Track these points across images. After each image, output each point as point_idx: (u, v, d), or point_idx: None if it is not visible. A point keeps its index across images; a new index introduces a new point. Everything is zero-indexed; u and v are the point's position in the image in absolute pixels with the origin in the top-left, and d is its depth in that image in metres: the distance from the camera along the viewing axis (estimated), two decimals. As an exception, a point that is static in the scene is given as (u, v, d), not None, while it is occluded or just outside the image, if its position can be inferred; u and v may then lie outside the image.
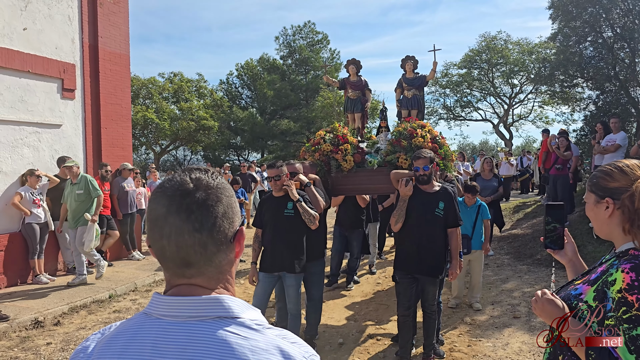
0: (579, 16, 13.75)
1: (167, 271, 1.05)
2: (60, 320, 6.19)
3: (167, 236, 1.00)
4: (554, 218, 1.93)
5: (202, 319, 0.97)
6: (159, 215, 1.01)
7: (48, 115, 8.37)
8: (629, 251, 1.62)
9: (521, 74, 29.04)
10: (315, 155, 5.83)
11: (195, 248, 1.00)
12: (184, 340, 0.95)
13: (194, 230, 0.99)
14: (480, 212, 6.38)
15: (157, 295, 1.03)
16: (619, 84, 13.75)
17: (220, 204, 1.03)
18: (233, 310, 0.99)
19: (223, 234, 1.03)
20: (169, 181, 1.05)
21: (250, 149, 31.69)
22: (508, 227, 11.52)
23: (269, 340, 0.97)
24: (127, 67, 10.09)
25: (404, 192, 4.41)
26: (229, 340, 0.94)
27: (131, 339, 0.99)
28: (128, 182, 9.69)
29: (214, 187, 1.04)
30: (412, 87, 6.68)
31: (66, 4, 8.72)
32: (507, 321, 5.82)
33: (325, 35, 31.05)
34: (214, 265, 1.03)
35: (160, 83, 27.64)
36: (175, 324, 0.97)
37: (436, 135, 5.74)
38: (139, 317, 1.03)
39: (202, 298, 0.99)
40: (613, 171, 1.70)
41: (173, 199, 1.00)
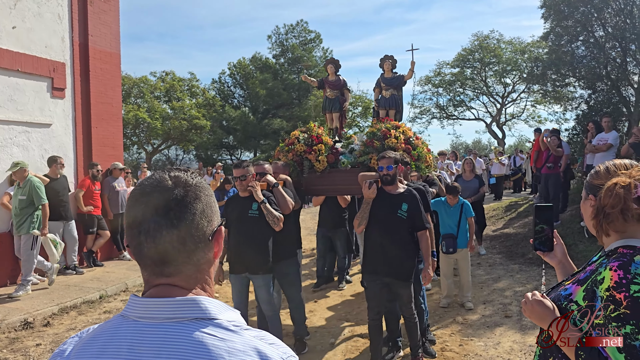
0: (571, 15, 13.80)
1: (145, 270, 1.04)
2: (50, 321, 6.14)
3: (145, 233, 1.00)
4: (542, 219, 1.92)
5: (179, 321, 0.97)
6: (137, 213, 1.01)
7: (38, 115, 8.29)
8: (617, 249, 1.62)
9: (514, 73, 29.15)
10: (289, 155, 5.77)
11: (173, 244, 1.00)
12: (160, 342, 0.94)
13: (172, 227, 0.99)
14: (463, 210, 6.41)
15: (134, 297, 1.02)
16: (611, 83, 13.82)
17: (198, 202, 1.03)
18: (210, 312, 0.99)
19: (201, 231, 1.03)
20: (148, 179, 1.06)
21: (242, 148, 31.59)
22: (500, 226, 11.55)
23: (246, 342, 0.97)
24: (118, 65, 10.03)
25: (367, 195, 4.36)
26: (205, 342, 0.94)
27: (108, 342, 0.99)
28: (119, 181, 9.63)
29: (192, 185, 1.04)
30: (390, 87, 6.64)
31: (56, 3, 8.64)
32: (498, 320, 5.83)
33: (318, 34, 31.07)
34: (193, 263, 1.03)
35: (152, 82, 27.51)
36: (151, 325, 0.97)
37: (410, 136, 5.70)
38: (116, 320, 1.02)
39: (179, 299, 0.99)
40: (600, 170, 1.73)
41: (151, 195, 1.01)
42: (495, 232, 11.05)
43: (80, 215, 8.74)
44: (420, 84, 31.42)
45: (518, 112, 31.81)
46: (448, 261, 6.46)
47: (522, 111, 31.49)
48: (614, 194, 1.60)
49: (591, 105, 14.43)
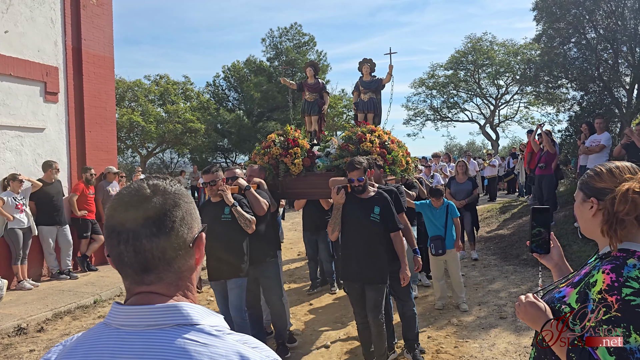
0: (563, 18, 13.89)
1: (126, 279, 1.04)
2: (43, 327, 6.10)
3: (125, 241, 1.00)
4: (539, 222, 1.92)
5: (161, 327, 0.97)
6: (117, 221, 1.01)
7: (31, 119, 8.26)
8: (611, 253, 1.63)
9: (507, 75, 29.29)
10: (265, 158, 5.74)
11: (153, 253, 1.00)
12: (141, 349, 0.94)
13: (151, 235, 1.00)
14: (449, 211, 6.41)
15: (117, 304, 1.02)
16: (603, 84, 13.91)
17: (178, 209, 1.04)
18: (192, 317, 0.99)
19: (182, 239, 1.03)
20: (126, 188, 1.06)
21: (237, 151, 31.50)
22: (494, 228, 11.59)
23: (228, 346, 0.96)
24: (112, 69, 10.00)
25: (337, 200, 4.30)
26: (187, 348, 0.94)
27: (90, 350, 0.99)
28: (113, 185, 9.60)
29: (171, 193, 1.05)
30: (369, 90, 6.64)
31: (48, 7, 8.62)
32: (493, 322, 5.84)
33: (312, 37, 31.03)
34: (173, 270, 1.04)
35: (146, 85, 27.41)
36: (133, 333, 0.97)
37: (385, 140, 5.70)
38: (99, 328, 1.03)
39: (160, 306, 0.99)
40: (603, 172, 1.70)
41: (130, 204, 1.01)
42: (490, 233, 11.09)
43: (75, 220, 8.71)
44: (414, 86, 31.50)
45: (511, 113, 32.00)
46: (438, 263, 6.45)
47: (516, 113, 31.68)
48: (631, 200, 1.58)
49: (583, 107, 14.52)
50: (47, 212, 8.06)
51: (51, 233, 8.11)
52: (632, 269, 1.52)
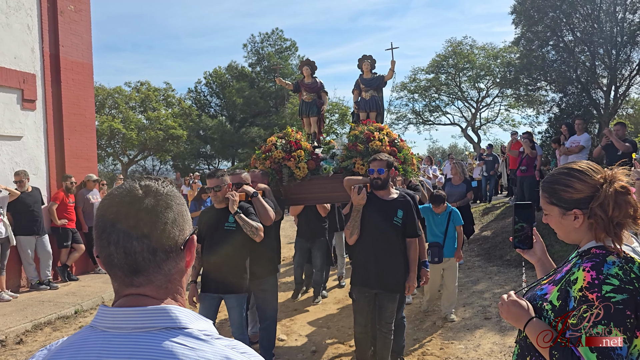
0: (541, 20, 14.11)
1: (115, 281, 1.03)
2: (23, 339, 5.97)
3: (115, 242, 0.98)
4: (521, 217, 1.93)
5: (148, 330, 0.95)
6: (107, 222, 0.99)
7: (8, 127, 8.11)
8: (590, 250, 1.64)
9: (487, 78, 29.56)
10: (266, 163, 5.47)
11: (143, 254, 0.99)
12: (128, 352, 0.93)
13: (142, 237, 0.98)
14: (451, 218, 6.12)
15: (103, 307, 1.01)
16: (581, 86, 14.15)
17: (170, 211, 1.02)
18: (180, 321, 0.97)
19: (173, 240, 1.02)
20: (118, 189, 1.04)
21: (220, 158, 31.36)
22: (478, 229, 11.66)
23: (216, 351, 0.94)
24: (90, 76, 9.88)
25: (357, 201, 4.01)
26: (175, 352, 0.92)
27: (76, 353, 0.97)
28: (93, 193, 9.46)
29: (163, 194, 1.03)
30: (370, 88, 6.38)
31: (25, 13, 8.49)
32: (478, 322, 5.86)
33: (294, 42, 31.10)
34: (163, 273, 1.02)
35: (127, 92, 27.20)
36: (120, 336, 0.95)
37: (395, 138, 5.46)
38: (85, 331, 1.00)
39: (149, 308, 0.97)
40: (571, 181, 1.68)
41: (121, 205, 1.00)
42: (474, 235, 11.14)
43: (54, 229, 8.55)
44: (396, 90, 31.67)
45: (492, 116, 32.28)
46: (433, 271, 6.06)
47: (497, 115, 31.97)
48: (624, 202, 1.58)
49: (563, 108, 14.74)
50: (25, 222, 7.89)
51: (30, 243, 7.95)
52: (611, 266, 1.53)
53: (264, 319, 4.85)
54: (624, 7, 13.80)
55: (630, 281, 1.50)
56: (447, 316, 6.10)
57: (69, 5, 9.25)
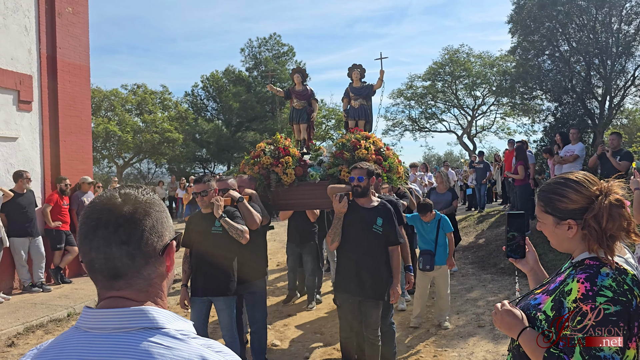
0: (537, 30, 14.21)
1: (97, 284, 1.07)
2: (14, 341, 5.93)
3: (96, 248, 1.03)
4: (513, 227, 1.94)
5: (127, 331, 0.99)
6: (89, 229, 1.04)
7: (3, 128, 8.08)
8: (584, 261, 1.65)
9: (483, 86, 29.73)
10: (255, 168, 5.54)
11: (123, 260, 1.03)
12: (107, 351, 0.97)
13: (121, 243, 1.03)
14: (440, 225, 6.11)
15: (87, 308, 1.05)
16: (576, 96, 14.24)
17: (148, 218, 1.06)
18: (158, 321, 1.01)
19: (151, 247, 1.06)
20: (99, 197, 1.09)
21: (216, 162, 31.31)
22: (472, 237, 11.69)
23: (192, 350, 0.98)
24: (87, 78, 9.87)
25: (338, 209, 4.11)
26: (151, 351, 0.96)
27: (59, 352, 1.02)
28: (88, 196, 9.43)
29: (142, 202, 1.07)
30: (359, 97, 6.47)
31: (22, 14, 8.48)
32: (471, 330, 5.87)
33: (291, 48, 31.14)
34: (143, 277, 1.06)
35: (123, 95, 27.15)
36: (100, 336, 1.00)
37: (381, 146, 5.56)
38: (70, 331, 1.05)
39: (128, 310, 1.02)
40: (567, 191, 1.69)
41: (102, 212, 1.05)
42: (468, 242, 11.17)
43: (48, 231, 8.52)
44: (392, 96, 31.77)
45: (488, 124, 32.44)
46: (424, 279, 6.11)
47: (492, 123, 32.13)
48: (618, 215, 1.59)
49: (558, 118, 14.83)
50: (19, 223, 7.86)
51: (23, 245, 7.91)
52: (605, 277, 1.54)
53: (253, 322, 4.88)
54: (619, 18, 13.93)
55: (623, 293, 1.51)
56: (441, 324, 6.09)
57: (67, 7, 9.25)
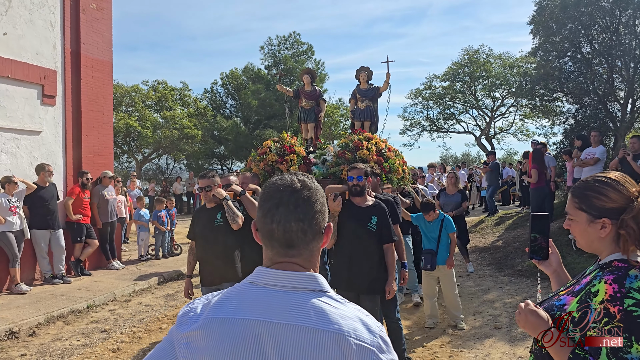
0: (559, 32, 14.02)
1: (271, 250, 1.28)
2: (35, 331, 6.05)
3: (277, 222, 1.24)
4: (536, 228, 1.93)
5: (302, 290, 1.22)
6: (272, 205, 1.26)
7: (27, 122, 8.24)
8: (612, 262, 1.63)
9: (503, 88, 29.39)
10: (260, 164, 5.69)
11: (298, 234, 1.25)
12: (289, 304, 1.19)
13: (298, 220, 1.24)
14: (444, 225, 6.11)
15: (261, 268, 1.27)
16: (597, 98, 14.03)
17: (318, 202, 1.29)
18: (324, 286, 1.25)
19: (318, 225, 1.28)
20: (281, 179, 1.31)
21: (233, 158, 31.46)
22: (489, 238, 11.61)
23: (352, 312, 1.23)
24: (110, 74, 10.01)
25: (333, 208, 4.26)
26: (323, 307, 1.19)
27: (242, 300, 1.22)
28: (108, 190, 9.57)
29: (314, 189, 1.30)
30: (365, 98, 6.61)
31: (48, 10, 8.63)
32: (488, 332, 5.84)
33: (310, 46, 31.12)
34: (309, 249, 1.28)
35: (144, 91, 27.38)
36: (280, 291, 1.22)
37: (382, 148, 5.66)
38: (244, 285, 1.27)
39: (303, 274, 1.25)
40: (606, 189, 1.67)
41: (284, 193, 1.26)
42: (485, 244, 11.10)
43: (69, 224, 8.67)
44: (410, 96, 31.62)
45: (507, 125, 32.06)
46: (429, 279, 6.11)
47: (511, 125, 31.76)
48: None
49: (578, 120, 14.62)
50: (41, 216, 8.02)
51: (44, 237, 8.07)
52: (634, 279, 1.53)
53: None
54: (644, 20, 13.68)
55: None
56: (457, 324, 6.09)
57: (91, 4, 9.39)
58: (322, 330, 1.16)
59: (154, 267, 9.71)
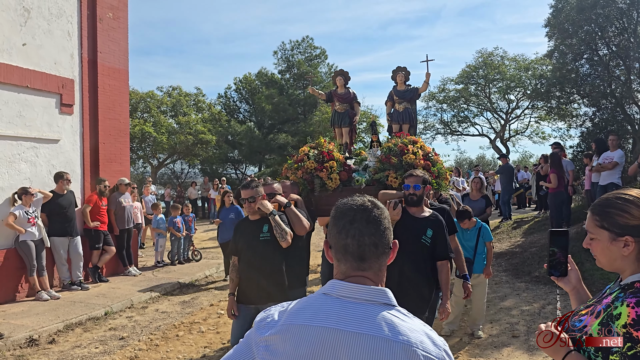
0: (575, 34, 13.89)
1: (344, 264, 1.40)
2: (55, 338, 6.12)
3: (352, 236, 1.37)
4: (555, 243, 1.90)
5: (373, 303, 1.33)
6: (346, 222, 1.39)
7: (46, 130, 8.37)
8: (634, 284, 1.60)
9: (517, 90, 29.12)
10: (298, 173, 5.42)
11: (370, 247, 1.37)
12: (362, 315, 1.30)
13: (370, 234, 1.38)
14: (481, 233, 6.00)
15: (336, 280, 1.38)
16: (615, 101, 13.86)
17: (386, 220, 1.43)
18: (392, 300, 1.36)
19: (387, 240, 1.41)
20: (352, 200, 1.45)
21: (247, 163, 31.61)
22: (505, 244, 11.50)
23: (419, 325, 1.33)
24: (126, 82, 10.13)
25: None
26: (393, 320, 1.30)
27: (317, 310, 1.33)
28: (125, 197, 9.67)
29: (381, 209, 1.44)
30: (404, 100, 6.36)
31: (66, 20, 8.76)
32: (506, 340, 5.78)
33: (324, 50, 31.18)
34: (378, 263, 1.40)
35: (159, 97, 27.65)
36: (353, 303, 1.32)
37: (429, 151, 5.40)
38: (319, 296, 1.38)
39: (374, 288, 1.36)
40: (629, 207, 1.64)
41: (358, 212, 1.40)
42: (501, 249, 10.99)
43: (87, 231, 8.77)
44: (424, 99, 31.47)
45: (522, 128, 31.74)
46: (460, 287, 5.99)
47: (526, 127, 31.42)
48: None
49: (595, 123, 14.47)
50: (59, 223, 8.12)
51: (63, 244, 8.17)
52: None
53: None
54: (661, 21, 13.50)
55: None
56: (474, 332, 6.03)
57: (108, 13, 9.51)
58: (393, 340, 1.26)
59: (170, 274, 9.78)
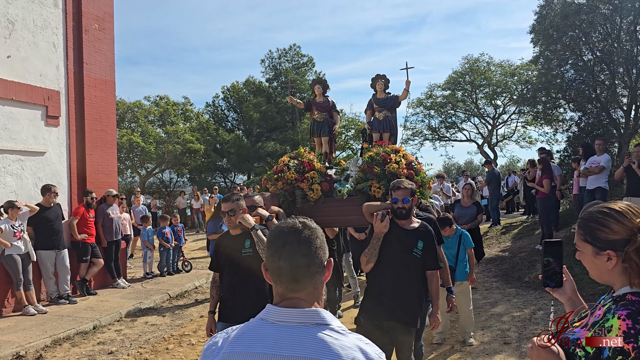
0: (560, 40, 14.04)
1: (280, 286, 1.44)
2: (42, 354, 6.03)
3: (284, 259, 1.41)
4: (549, 254, 1.89)
5: (306, 325, 1.37)
6: (279, 245, 1.43)
7: (32, 143, 8.27)
8: (626, 296, 1.60)
9: (504, 95, 29.40)
10: (278, 184, 5.31)
11: (302, 268, 1.41)
12: (295, 338, 1.35)
13: (302, 255, 1.41)
14: (462, 241, 5.99)
15: (271, 306, 1.43)
16: (600, 105, 14.01)
17: (317, 239, 1.47)
18: (326, 319, 1.39)
19: (320, 260, 1.45)
20: (284, 223, 1.49)
21: (236, 171, 31.53)
22: (495, 249, 11.54)
23: (352, 341, 1.36)
24: (113, 93, 10.05)
25: (379, 229, 3.74)
26: (326, 340, 1.34)
27: (255, 337, 1.38)
28: (113, 208, 9.58)
29: (313, 229, 1.48)
30: (384, 108, 6.27)
31: (51, 32, 8.70)
32: (497, 347, 5.78)
33: (311, 58, 31.31)
34: (312, 283, 1.44)
35: (146, 106, 27.52)
36: (287, 327, 1.37)
37: (412, 160, 5.34)
38: (257, 321, 1.43)
39: (307, 310, 1.40)
40: (609, 221, 1.64)
41: (289, 234, 1.44)
42: (490, 254, 11.03)
43: (74, 243, 8.67)
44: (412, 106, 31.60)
45: (509, 133, 32.04)
46: (443, 295, 6.10)
47: (513, 132, 31.73)
48: None
49: (581, 127, 14.60)
50: (46, 236, 8.01)
51: (50, 257, 8.05)
52: None
53: None
54: (644, 26, 13.68)
55: None
56: (465, 340, 6.02)
57: (94, 24, 9.46)
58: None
59: (159, 285, 9.69)
